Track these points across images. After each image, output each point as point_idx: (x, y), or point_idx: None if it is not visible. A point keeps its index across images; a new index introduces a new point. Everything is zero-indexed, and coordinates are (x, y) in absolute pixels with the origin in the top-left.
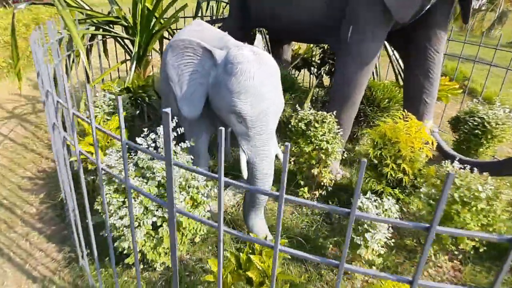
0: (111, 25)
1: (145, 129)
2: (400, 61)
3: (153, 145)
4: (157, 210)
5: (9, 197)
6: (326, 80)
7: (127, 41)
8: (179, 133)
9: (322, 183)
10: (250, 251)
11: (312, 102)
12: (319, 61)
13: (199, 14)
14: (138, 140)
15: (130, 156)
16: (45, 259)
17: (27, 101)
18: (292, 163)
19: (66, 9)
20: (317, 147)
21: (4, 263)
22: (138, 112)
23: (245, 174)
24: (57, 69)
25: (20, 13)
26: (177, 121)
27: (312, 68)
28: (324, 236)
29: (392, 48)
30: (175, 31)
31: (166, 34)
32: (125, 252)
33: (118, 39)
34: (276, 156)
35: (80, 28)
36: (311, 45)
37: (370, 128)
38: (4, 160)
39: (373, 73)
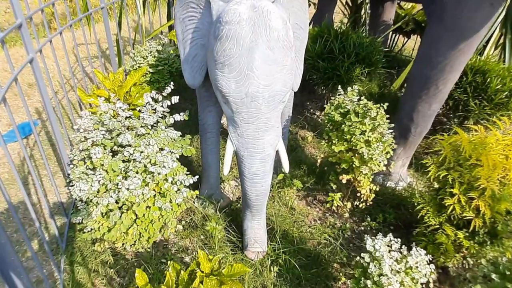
0: None
1: None
2: None
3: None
4: (114, 192)
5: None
6: None
7: None
8: (173, 102)
9: (359, 194)
10: (196, 269)
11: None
12: None
13: None
14: (146, 98)
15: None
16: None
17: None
18: (319, 160)
19: None
20: (353, 147)
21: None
22: None
23: (226, 169)
24: (103, 11)
25: None
26: None
27: None
28: (341, 263)
29: None
30: None
31: None
32: (85, 230)
33: None
34: (277, 153)
35: None
36: None
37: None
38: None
39: (504, 49)
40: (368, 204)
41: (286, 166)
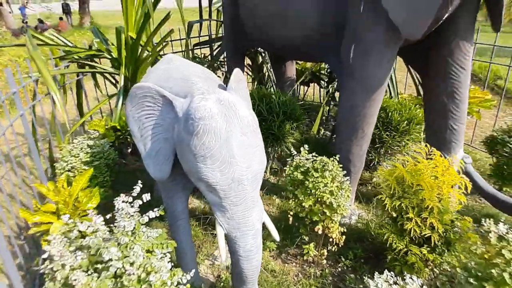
0: (95, 60)
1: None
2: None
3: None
4: None
5: None
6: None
7: (115, 75)
8: (145, 200)
9: (331, 239)
10: None
11: (323, 124)
12: (328, 74)
13: (192, 35)
14: (118, 204)
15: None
16: None
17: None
18: (291, 218)
19: (37, 50)
20: (319, 199)
21: None
22: (130, 149)
23: (223, 255)
24: (22, 118)
25: None
26: None
27: (322, 82)
28: None
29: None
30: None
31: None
32: None
33: (105, 74)
34: (263, 225)
35: (58, 67)
36: None
37: (389, 155)
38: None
39: (388, 87)
40: (340, 245)
41: (275, 235)
